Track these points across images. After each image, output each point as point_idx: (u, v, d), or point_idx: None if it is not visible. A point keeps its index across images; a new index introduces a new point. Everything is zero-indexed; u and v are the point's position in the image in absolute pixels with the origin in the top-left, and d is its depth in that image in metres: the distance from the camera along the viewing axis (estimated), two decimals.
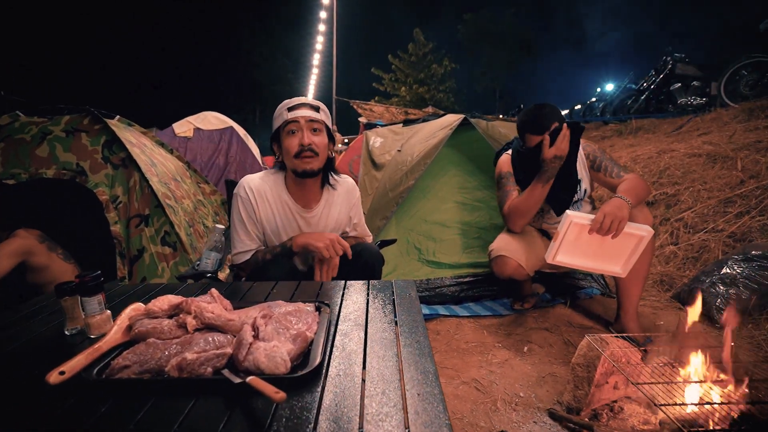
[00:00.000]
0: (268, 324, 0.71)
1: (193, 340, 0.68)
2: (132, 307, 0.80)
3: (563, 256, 1.48)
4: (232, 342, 0.68)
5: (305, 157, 1.25)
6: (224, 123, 4.36)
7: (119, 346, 0.70)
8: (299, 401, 0.58)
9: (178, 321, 0.73)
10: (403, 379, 0.63)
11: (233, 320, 0.72)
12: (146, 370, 0.62)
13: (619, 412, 1.19)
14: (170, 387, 0.60)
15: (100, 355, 0.67)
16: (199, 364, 0.61)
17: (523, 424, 1.23)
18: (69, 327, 0.83)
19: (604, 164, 1.70)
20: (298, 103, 1.27)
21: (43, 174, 1.94)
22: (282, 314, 0.75)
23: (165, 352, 0.65)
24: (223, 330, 0.72)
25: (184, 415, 0.54)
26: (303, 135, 1.24)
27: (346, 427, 0.52)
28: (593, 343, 1.20)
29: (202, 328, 0.73)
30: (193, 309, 0.74)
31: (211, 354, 0.63)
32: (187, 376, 0.60)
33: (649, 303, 2.06)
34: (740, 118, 3.82)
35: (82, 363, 0.63)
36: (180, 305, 0.76)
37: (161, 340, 0.69)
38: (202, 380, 0.60)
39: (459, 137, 2.52)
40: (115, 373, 0.61)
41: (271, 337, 0.68)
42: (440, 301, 2.16)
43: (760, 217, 2.20)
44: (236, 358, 0.63)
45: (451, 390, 1.43)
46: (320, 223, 1.38)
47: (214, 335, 0.69)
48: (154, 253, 1.91)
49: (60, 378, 0.59)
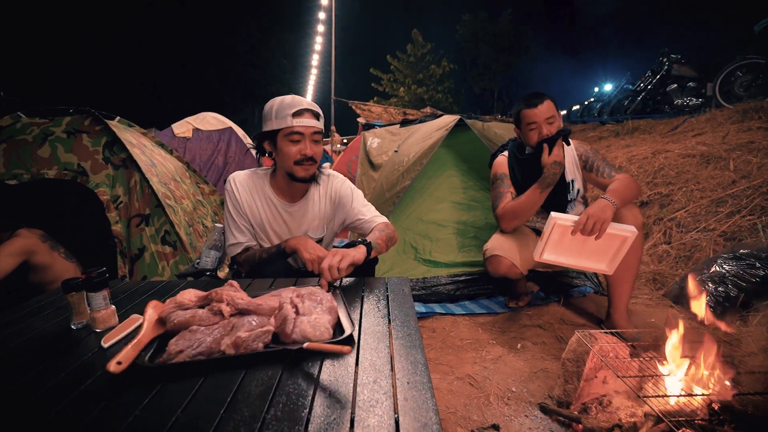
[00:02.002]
0: (304, 301, 0.82)
1: (236, 323, 0.75)
2: (152, 304, 0.85)
3: (549, 254, 1.53)
4: (268, 322, 0.76)
5: (306, 166, 1.31)
6: (223, 123, 4.39)
7: (156, 338, 0.77)
8: (295, 388, 0.62)
9: (212, 309, 0.80)
10: (394, 368, 0.66)
11: (262, 305, 0.81)
12: (200, 353, 0.70)
13: (608, 405, 1.22)
14: (227, 363, 0.68)
15: (143, 346, 0.74)
16: (252, 340, 0.71)
17: (515, 418, 1.27)
18: (75, 321, 0.86)
19: (596, 164, 1.74)
20: (301, 108, 1.28)
21: (44, 174, 1.97)
22: (308, 294, 0.85)
23: (211, 336, 0.73)
24: (255, 313, 0.79)
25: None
26: (306, 146, 1.29)
27: (340, 412, 0.55)
28: (582, 338, 1.23)
29: (235, 313, 0.80)
30: (225, 297, 0.81)
31: (258, 332, 0.72)
32: (243, 352, 0.69)
33: (641, 301, 2.09)
34: (734, 118, 3.87)
35: (132, 354, 0.69)
36: (209, 296, 0.83)
37: (204, 326, 0.75)
38: (258, 354, 0.70)
39: (455, 138, 2.55)
40: (171, 358, 0.68)
41: (310, 311, 0.79)
42: (436, 300, 2.19)
43: (750, 216, 2.24)
44: (283, 332, 0.74)
45: (446, 385, 1.46)
46: (304, 217, 1.43)
47: (251, 318, 0.77)
48: (154, 252, 1.94)
49: (119, 367, 0.65)
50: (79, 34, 16.47)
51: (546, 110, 1.67)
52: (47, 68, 15.87)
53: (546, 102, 1.68)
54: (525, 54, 18.38)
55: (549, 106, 1.68)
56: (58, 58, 16.13)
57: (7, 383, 0.67)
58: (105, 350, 0.76)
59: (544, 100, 1.68)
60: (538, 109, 1.67)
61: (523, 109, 1.70)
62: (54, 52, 15.97)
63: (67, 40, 16.17)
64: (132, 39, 18.20)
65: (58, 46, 16.00)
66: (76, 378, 0.67)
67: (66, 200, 2.23)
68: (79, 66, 16.75)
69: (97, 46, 17.16)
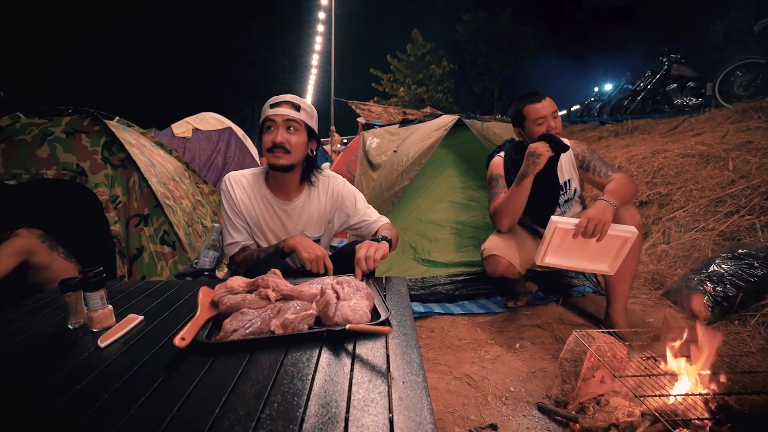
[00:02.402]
0: (344, 287, 0.88)
1: (282, 307, 0.83)
2: (203, 290, 0.93)
3: (551, 258, 1.53)
4: (311, 306, 0.84)
5: (278, 154, 1.31)
6: (222, 123, 4.40)
7: (209, 320, 0.84)
8: (290, 387, 0.62)
9: (260, 294, 0.87)
10: (390, 368, 0.66)
11: (303, 291, 0.89)
12: (251, 332, 0.77)
13: (605, 405, 1.22)
14: (278, 342, 0.76)
15: (201, 326, 0.81)
16: (299, 322, 0.79)
17: (513, 418, 1.27)
18: (72, 321, 0.86)
19: (592, 164, 1.74)
20: (280, 100, 1.31)
21: (43, 174, 1.97)
22: (347, 281, 0.92)
23: (261, 318, 0.80)
24: (298, 298, 0.87)
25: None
26: (277, 133, 1.30)
27: (334, 411, 0.56)
28: (580, 338, 1.23)
29: (280, 298, 0.87)
30: (271, 283, 0.89)
31: (303, 315, 0.80)
32: (291, 332, 0.77)
33: (639, 301, 2.09)
34: (733, 118, 3.87)
35: (193, 332, 0.77)
36: (256, 282, 0.91)
37: (253, 309, 0.83)
38: (304, 334, 0.77)
39: (454, 138, 2.55)
40: (228, 336, 0.76)
41: (349, 297, 0.86)
42: (435, 300, 2.19)
43: (749, 216, 2.24)
44: (325, 315, 0.81)
45: (444, 385, 1.46)
46: (301, 215, 1.43)
47: (295, 302, 0.85)
48: (153, 252, 1.95)
49: (183, 342, 0.72)
50: (79, 34, 16.46)
51: (549, 104, 1.69)
52: (47, 68, 15.86)
53: (547, 98, 1.70)
54: (525, 54, 18.37)
55: (550, 101, 1.70)
56: (58, 58, 16.12)
57: (4, 383, 0.67)
58: (102, 350, 0.76)
59: (544, 96, 1.70)
60: (542, 103, 1.68)
61: (527, 105, 1.70)
62: (54, 52, 15.96)
63: (67, 40, 16.16)
64: (132, 39, 18.18)
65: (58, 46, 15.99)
66: (73, 377, 0.67)
67: (65, 200, 2.23)
68: (79, 66, 16.74)
69: (97, 46, 17.15)
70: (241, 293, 0.88)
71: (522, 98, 1.74)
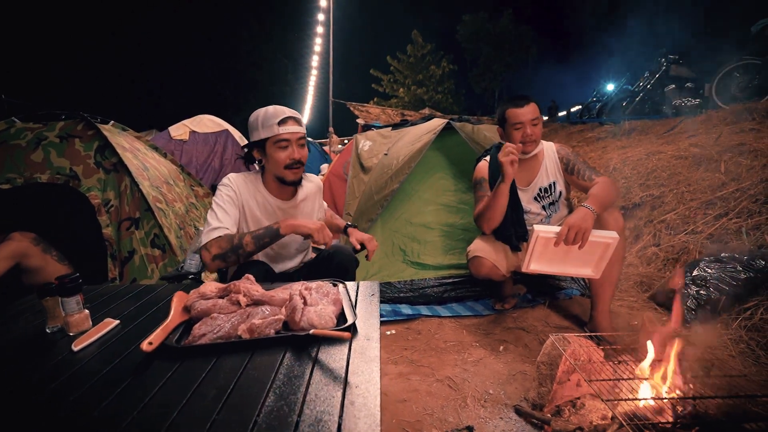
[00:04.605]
0: (311, 293, 0.90)
1: (251, 312, 0.85)
2: (177, 295, 0.96)
3: (535, 265, 1.55)
4: (280, 311, 0.86)
5: (295, 170, 1.39)
6: (219, 126, 4.44)
7: (180, 324, 0.86)
8: (249, 390, 0.64)
9: (231, 299, 0.89)
10: (348, 372, 0.68)
11: (274, 296, 0.91)
12: (219, 337, 0.79)
13: (581, 408, 1.24)
14: (244, 346, 0.78)
15: (171, 330, 0.82)
16: (265, 327, 0.80)
17: (490, 420, 1.29)
18: (50, 325, 0.89)
19: (576, 167, 1.76)
20: (285, 116, 1.36)
21: (37, 178, 2.01)
22: (316, 287, 0.94)
23: (230, 323, 0.82)
24: (269, 303, 0.89)
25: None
26: (294, 150, 1.37)
27: (287, 413, 0.58)
28: (555, 342, 1.25)
29: (251, 303, 0.90)
30: (242, 289, 0.91)
31: (270, 319, 0.82)
32: (257, 337, 0.79)
33: (626, 303, 2.10)
34: (729, 120, 3.85)
35: (162, 336, 0.78)
36: (228, 288, 0.94)
37: (223, 314, 0.85)
38: (270, 338, 0.79)
39: (445, 141, 2.57)
40: (196, 341, 0.78)
41: (316, 302, 0.87)
42: (424, 302, 2.21)
43: (737, 219, 2.24)
44: (292, 320, 0.82)
45: (425, 387, 1.48)
46: (297, 213, 1.51)
47: (264, 307, 0.87)
48: (144, 255, 1.98)
49: (150, 347, 0.74)
50: (79, 34, 16.54)
51: (531, 111, 1.70)
52: (47, 69, 15.94)
53: (531, 104, 1.71)
54: (526, 54, 18.34)
55: (534, 108, 1.71)
56: (58, 59, 16.21)
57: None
58: (75, 354, 0.79)
59: (529, 101, 1.71)
60: (524, 109, 1.69)
61: (509, 108, 1.72)
62: (54, 53, 16.04)
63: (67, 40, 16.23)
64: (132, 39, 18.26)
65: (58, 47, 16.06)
66: (46, 380, 0.70)
67: (59, 204, 2.27)
68: (79, 66, 16.83)
69: (97, 46, 17.23)
70: (212, 298, 0.90)
71: (508, 100, 1.76)
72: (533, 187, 1.83)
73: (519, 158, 1.79)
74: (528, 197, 1.84)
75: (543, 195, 1.84)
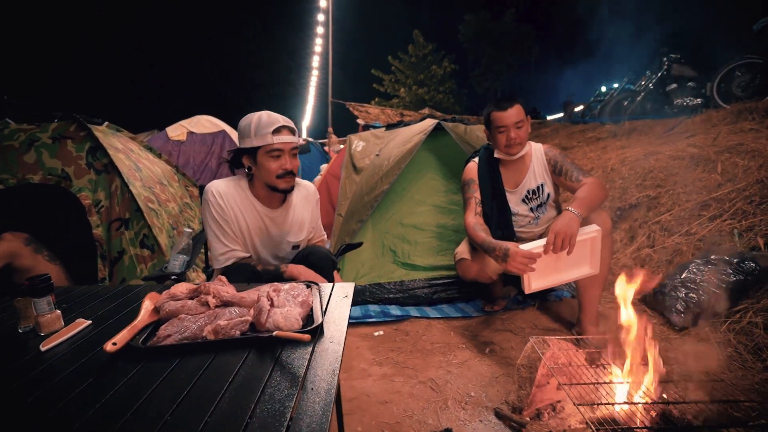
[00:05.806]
0: (279, 294, 0.89)
1: (219, 313, 0.85)
2: (149, 295, 0.96)
3: (537, 282, 1.52)
4: (248, 313, 0.86)
5: (288, 179, 1.38)
6: (217, 126, 4.46)
7: (149, 325, 0.86)
8: (206, 391, 0.65)
9: (200, 300, 0.90)
10: (307, 373, 0.68)
11: (244, 297, 0.91)
12: (185, 338, 0.79)
13: (561, 411, 1.23)
14: (208, 347, 0.78)
15: (137, 331, 0.82)
16: (230, 328, 0.80)
17: (469, 422, 1.28)
18: (22, 325, 0.90)
19: (564, 168, 1.74)
20: (279, 125, 1.35)
21: (30, 179, 2.03)
22: (286, 289, 0.93)
23: (197, 324, 0.82)
24: (238, 305, 0.90)
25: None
26: (286, 160, 1.36)
27: (239, 413, 0.59)
28: (535, 345, 1.24)
29: (220, 305, 0.90)
30: (212, 290, 0.91)
31: (236, 321, 0.82)
32: (222, 338, 0.79)
33: (617, 305, 2.08)
34: (728, 119, 3.81)
35: (127, 337, 0.78)
36: (198, 289, 0.94)
37: (191, 315, 0.85)
38: (234, 339, 0.79)
39: (436, 141, 2.57)
40: (161, 341, 0.78)
41: (283, 304, 0.87)
42: (414, 303, 2.21)
43: (731, 221, 2.21)
44: (258, 321, 0.82)
45: (408, 389, 1.48)
46: (285, 221, 1.49)
47: (233, 308, 0.87)
48: (133, 255, 1.99)
49: (114, 348, 0.73)
50: (79, 34, 16.64)
51: (515, 114, 1.69)
52: (47, 68, 16.05)
53: (516, 106, 1.69)
54: (528, 54, 18.25)
55: (518, 110, 1.70)
56: (58, 59, 16.32)
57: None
58: (42, 354, 0.80)
59: (514, 104, 1.70)
60: (507, 112, 1.68)
61: (493, 111, 1.71)
62: (54, 53, 16.15)
63: (67, 40, 16.34)
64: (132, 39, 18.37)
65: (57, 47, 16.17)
66: (8, 379, 0.71)
67: (51, 204, 2.29)
68: (79, 66, 16.94)
69: (97, 46, 17.34)
70: (182, 299, 0.90)
71: (493, 102, 1.75)
72: (521, 189, 1.82)
73: (506, 159, 1.79)
74: (516, 199, 1.83)
75: (531, 197, 1.82)
